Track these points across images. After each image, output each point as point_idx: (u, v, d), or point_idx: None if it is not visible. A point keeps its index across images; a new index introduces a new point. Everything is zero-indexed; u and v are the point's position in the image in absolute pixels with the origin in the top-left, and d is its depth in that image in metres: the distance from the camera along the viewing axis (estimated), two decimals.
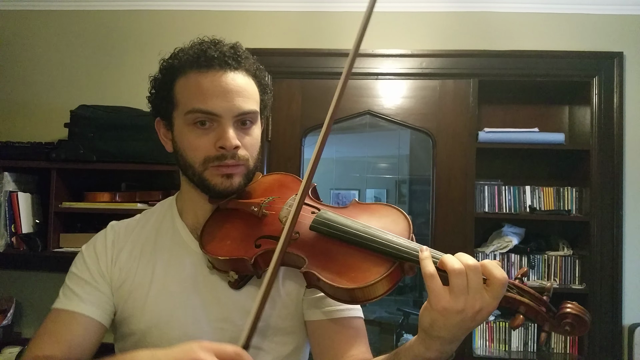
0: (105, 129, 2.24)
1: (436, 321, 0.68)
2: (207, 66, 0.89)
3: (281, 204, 0.90)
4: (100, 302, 0.93)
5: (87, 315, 0.91)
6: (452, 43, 2.52)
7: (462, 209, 2.45)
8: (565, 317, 0.68)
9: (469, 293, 0.67)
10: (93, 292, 0.93)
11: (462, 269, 0.67)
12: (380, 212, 0.88)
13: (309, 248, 0.82)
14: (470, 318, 0.67)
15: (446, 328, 0.68)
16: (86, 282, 0.94)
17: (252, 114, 0.92)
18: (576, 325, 0.67)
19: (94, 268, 0.95)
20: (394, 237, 0.78)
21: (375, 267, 0.75)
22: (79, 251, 1.00)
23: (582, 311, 0.68)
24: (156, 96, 0.95)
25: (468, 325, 0.68)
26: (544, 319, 0.69)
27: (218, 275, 0.91)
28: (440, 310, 0.67)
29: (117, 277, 0.95)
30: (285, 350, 0.94)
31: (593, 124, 2.44)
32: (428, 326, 0.70)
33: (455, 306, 0.66)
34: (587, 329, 0.68)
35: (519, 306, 0.69)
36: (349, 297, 0.76)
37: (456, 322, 0.67)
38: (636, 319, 2.38)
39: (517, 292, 0.70)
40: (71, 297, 0.93)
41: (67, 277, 0.97)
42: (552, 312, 0.69)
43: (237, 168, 0.90)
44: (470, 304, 0.66)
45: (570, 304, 0.69)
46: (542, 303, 0.69)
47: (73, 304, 0.92)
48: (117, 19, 2.62)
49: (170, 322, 0.90)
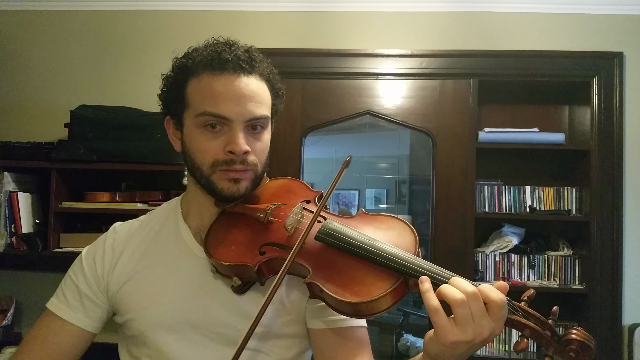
0: (105, 129, 2.24)
1: (444, 352, 0.68)
2: (220, 69, 0.87)
3: (287, 210, 0.89)
4: (89, 311, 0.95)
5: (76, 325, 0.93)
6: (452, 43, 2.52)
7: (462, 209, 2.45)
8: (570, 343, 0.67)
9: (474, 322, 0.66)
10: (85, 302, 0.95)
11: (464, 298, 0.66)
12: (387, 224, 0.86)
13: (313, 258, 0.81)
14: (478, 344, 0.67)
15: (454, 357, 0.69)
16: (79, 290, 0.95)
17: (263, 120, 0.91)
18: (581, 352, 0.66)
19: (90, 275, 0.96)
20: (400, 252, 0.76)
21: (379, 282, 0.74)
22: (80, 253, 1.00)
23: (587, 338, 0.67)
24: (167, 94, 0.94)
25: (475, 349, 0.68)
26: (549, 343, 0.68)
27: (221, 280, 0.91)
28: (448, 345, 0.67)
29: (117, 280, 0.95)
30: (288, 354, 0.94)
31: (593, 124, 2.44)
32: (435, 355, 0.70)
33: (463, 338, 0.66)
34: (592, 357, 0.66)
35: (524, 329, 0.69)
36: (352, 310, 0.75)
37: (464, 350, 0.68)
38: (636, 319, 2.38)
39: (522, 315, 0.69)
40: (63, 302, 0.95)
41: (64, 279, 0.98)
42: (557, 337, 0.68)
43: (245, 173, 0.90)
44: (477, 332, 0.66)
45: (575, 330, 0.68)
46: (547, 327, 0.69)
47: (64, 311, 0.94)
48: (117, 19, 2.62)
49: (170, 325, 0.90)
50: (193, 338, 0.89)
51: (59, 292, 0.97)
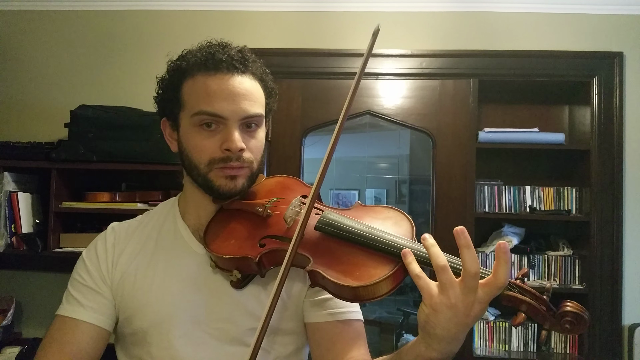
0: (105, 129, 2.24)
1: (429, 317, 0.70)
2: (214, 69, 0.89)
3: (285, 204, 0.91)
4: (102, 307, 0.94)
5: (90, 322, 0.92)
6: (452, 43, 2.52)
7: (462, 209, 2.45)
8: (565, 316, 0.70)
9: (457, 287, 0.68)
10: (95, 298, 0.94)
11: (446, 264, 0.69)
12: (384, 214, 0.89)
13: (313, 247, 0.83)
14: (463, 313, 0.68)
15: (440, 324, 0.69)
16: (88, 288, 0.95)
17: (257, 118, 0.92)
18: (576, 323, 0.69)
19: (95, 273, 0.96)
20: (397, 237, 0.79)
21: (379, 267, 0.76)
22: (80, 256, 1.00)
23: (581, 309, 0.70)
24: (163, 97, 0.96)
25: (463, 320, 0.68)
26: (545, 318, 0.71)
27: (220, 275, 0.92)
28: (432, 305, 0.69)
29: (118, 278, 0.95)
30: (285, 350, 0.94)
31: (593, 124, 2.44)
32: (424, 323, 0.71)
33: (445, 301, 0.68)
34: (586, 327, 0.70)
35: (520, 305, 0.71)
36: (353, 295, 0.77)
37: (449, 318, 0.68)
38: (636, 319, 2.38)
39: (518, 291, 0.72)
40: (74, 304, 0.93)
41: (70, 283, 0.97)
42: (552, 311, 0.71)
43: (241, 170, 0.91)
44: (460, 298, 0.68)
45: (570, 303, 0.71)
46: (543, 302, 0.71)
47: (76, 311, 0.92)
48: (117, 19, 2.62)
49: (171, 321, 0.90)
50: (194, 334, 0.90)
51: (66, 297, 0.95)
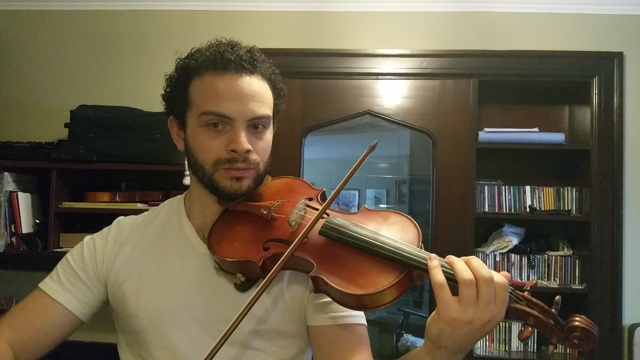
0: (105, 129, 2.24)
1: (444, 331, 0.68)
2: (223, 69, 0.89)
3: (290, 207, 0.90)
4: (82, 296, 0.94)
5: (65, 306, 0.93)
6: (452, 43, 2.52)
7: (462, 209, 2.45)
8: (573, 331, 0.68)
9: (478, 304, 0.66)
10: (78, 285, 0.95)
11: (472, 279, 0.67)
12: (390, 219, 0.87)
13: (317, 253, 0.81)
14: (478, 329, 0.67)
15: (453, 338, 0.68)
16: (75, 273, 0.95)
17: (265, 119, 0.92)
18: (584, 339, 0.67)
19: (89, 262, 0.96)
20: (403, 244, 0.77)
21: (383, 275, 0.74)
22: (81, 241, 1.01)
23: (590, 325, 0.67)
24: (171, 95, 0.95)
25: (475, 335, 0.68)
26: (552, 332, 0.69)
27: (224, 277, 0.91)
28: (448, 321, 0.67)
29: (117, 273, 0.95)
30: (288, 353, 0.94)
31: (593, 124, 2.44)
32: (435, 336, 0.70)
33: (464, 317, 0.66)
34: (595, 343, 0.67)
35: (528, 318, 0.69)
36: (356, 303, 0.75)
37: (464, 333, 0.67)
38: (636, 319, 2.38)
39: (526, 304, 0.70)
40: (57, 282, 0.94)
41: (61, 262, 0.98)
42: (560, 325, 0.69)
43: (247, 172, 0.90)
44: (479, 315, 0.66)
45: (579, 317, 0.68)
46: (551, 315, 0.69)
47: (56, 291, 0.93)
48: (117, 19, 2.62)
49: (172, 321, 0.90)
50: (195, 335, 0.89)
51: (53, 273, 0.97)
